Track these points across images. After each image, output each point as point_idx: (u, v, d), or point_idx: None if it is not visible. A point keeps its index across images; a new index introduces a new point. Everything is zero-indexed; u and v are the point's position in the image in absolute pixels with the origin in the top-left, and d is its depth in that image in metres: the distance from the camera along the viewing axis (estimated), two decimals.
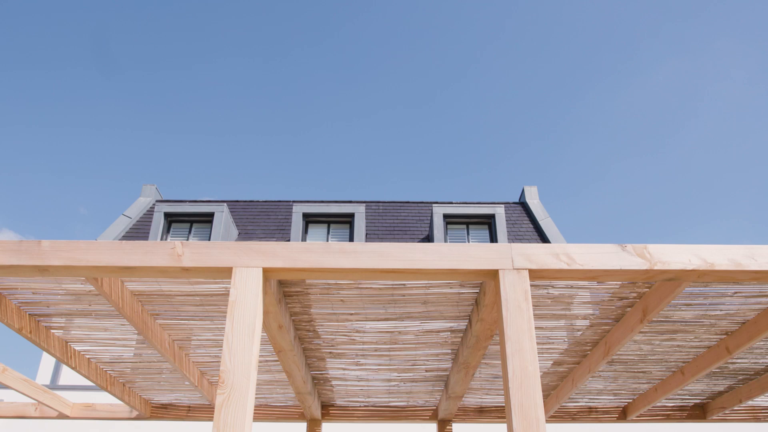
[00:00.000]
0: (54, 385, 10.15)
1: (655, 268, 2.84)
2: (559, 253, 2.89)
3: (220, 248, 2.92)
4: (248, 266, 2.85)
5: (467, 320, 3.85)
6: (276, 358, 4.72)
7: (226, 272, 2.89)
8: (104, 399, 9.31)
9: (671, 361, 4.71)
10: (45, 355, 11.56)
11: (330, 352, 4.50)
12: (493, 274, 2.87)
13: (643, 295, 3.53)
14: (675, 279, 2.92)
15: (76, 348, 4.57)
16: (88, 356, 4.74)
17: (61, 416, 6.17)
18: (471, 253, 2.88)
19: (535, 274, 2.87)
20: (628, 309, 3.72)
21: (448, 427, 5.94)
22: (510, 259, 2.86)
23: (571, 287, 3.45)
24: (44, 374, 11.09)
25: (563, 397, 5.34)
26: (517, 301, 2.74)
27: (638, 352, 4.53)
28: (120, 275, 2.94)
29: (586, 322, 3.95)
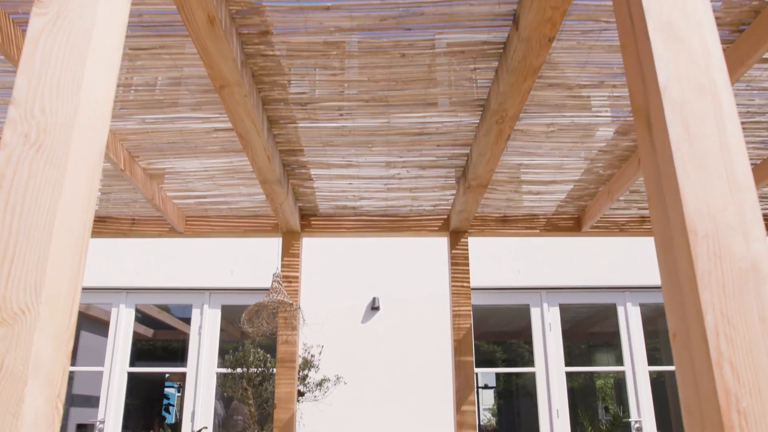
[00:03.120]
0: None
1: None
2: None
3: None
4: None
5: (510, 19, 2.56)
6: (229, 128, 3.49)
7: None
8: None
9: None
10: None
11: (302, 107, 3.25)
12: None
13: None
14: None
15: None
16: None
17: None
18: None
19: None
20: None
21: (462, 240, 4.85)
22: None
23: None
24: None
25: (616, 193, 4.20)
26: None
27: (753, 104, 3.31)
28: None
29: None
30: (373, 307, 6.47)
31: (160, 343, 14.36)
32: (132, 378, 12.76)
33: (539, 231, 4.96)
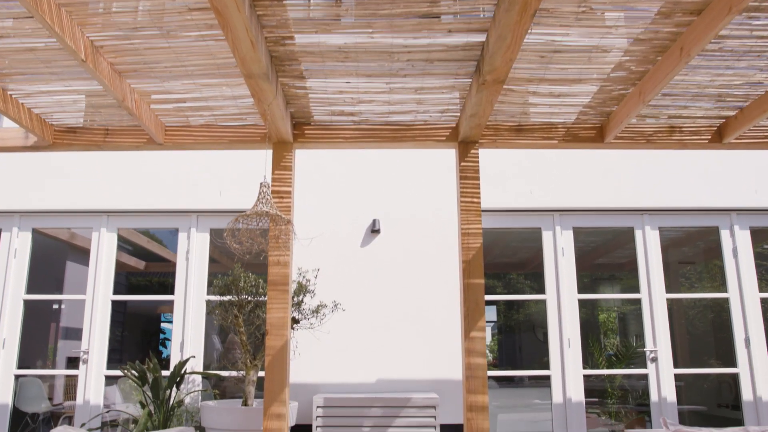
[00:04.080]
0: None
1: None
2: None
3: None
4: None
5: None
6: (206, 7, 3.00)
7: None
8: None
9: None
10: None
11: None
12: None
13: None
14: None
15: None
16: None
17: None
18: None
19: None
20: None
21: (472, 151, 4.42)
22: None
23: None
24: None
25: (649, 93, 3.75)
26: None
27: None
28: None
29: None
30: (373, 230, 6.08)
31: (156, 278, 14.15)
32: (128, 313, 12.54)
33: (557, 142, 4.53)
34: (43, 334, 10.51)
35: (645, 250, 6.26)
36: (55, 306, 10.76)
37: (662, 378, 6.04)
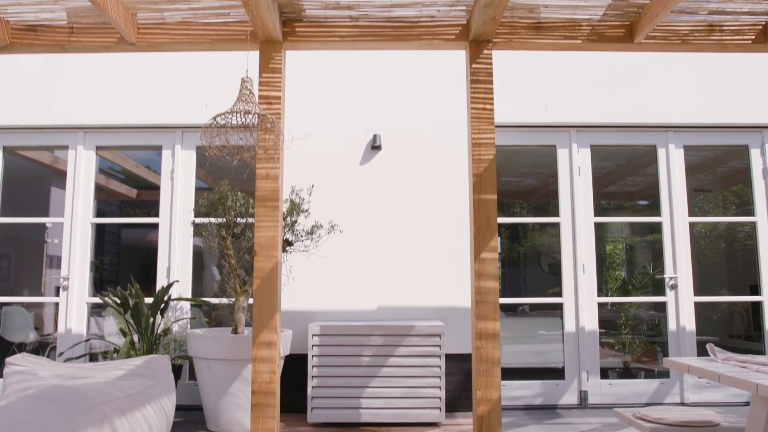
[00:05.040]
0: None
1: None
2: None
3: None
4: None
5: None
6: None
7: None
8: None
9: None
10: None
11: None
12: None
13: None
14: None
15: None
16: None
17: None
18: None
19: None
20: None
21: (485, 51, 3.93)
22: None
23: None
24: None
25: None
26: None
27: None
28: None
29: None
30: (374, 146, 5.61)
31: (155, 211, 13.76)
32: (123, 244, 12.22)
33: (581, 42, 4.04)
34: (34, 264, 10.22)
35: (668, 169, 5.83)
36: (48, 240, 10.45)
37: (681, 306, 5.71)
